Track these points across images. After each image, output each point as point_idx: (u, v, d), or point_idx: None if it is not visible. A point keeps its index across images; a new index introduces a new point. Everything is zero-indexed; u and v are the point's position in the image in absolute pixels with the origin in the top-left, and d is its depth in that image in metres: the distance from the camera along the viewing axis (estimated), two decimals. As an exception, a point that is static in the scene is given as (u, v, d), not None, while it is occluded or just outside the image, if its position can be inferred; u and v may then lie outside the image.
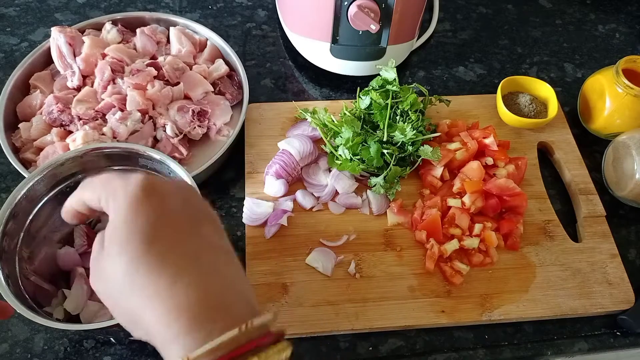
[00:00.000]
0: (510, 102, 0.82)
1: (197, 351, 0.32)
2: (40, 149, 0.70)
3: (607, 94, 0.79)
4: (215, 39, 0.81)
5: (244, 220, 0.70)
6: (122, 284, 0.34)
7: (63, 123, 0.71)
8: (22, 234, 0.57)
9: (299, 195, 0.72)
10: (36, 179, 0.57)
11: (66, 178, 0.60)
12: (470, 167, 0.73)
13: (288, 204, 0.71)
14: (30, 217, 0.58)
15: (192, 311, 0.33)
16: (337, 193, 0.73)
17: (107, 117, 0.71)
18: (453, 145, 0.74)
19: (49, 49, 0.77)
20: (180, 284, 0.34)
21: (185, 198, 0.39)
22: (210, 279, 0.35)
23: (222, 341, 0.32)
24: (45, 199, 0.59)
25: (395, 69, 0.73)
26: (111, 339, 0.63)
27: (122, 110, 0.71)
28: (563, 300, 0.67)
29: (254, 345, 0.33)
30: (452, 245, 0.68)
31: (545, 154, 0.82)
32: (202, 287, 0.34)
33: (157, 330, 0.34)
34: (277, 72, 0.88)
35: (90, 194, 0.39)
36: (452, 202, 0.71)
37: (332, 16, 0.75)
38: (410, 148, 0.71)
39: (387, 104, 0.71)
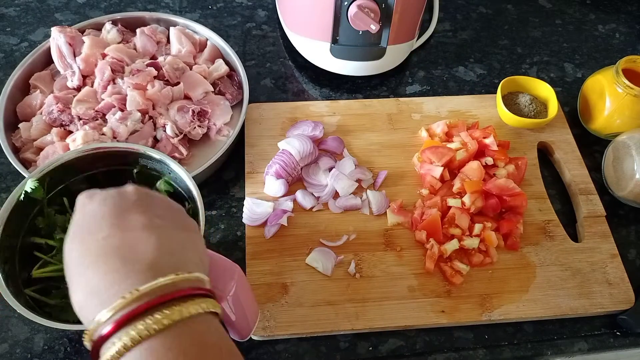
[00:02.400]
0: (510, 102, 0.82)
1: (122, 299, 0.35)
2: (40, 149, 0.70)
3: (607, 94, 0.79)
4: (215, 39, 0.81)
5: (244, 220, 0.70)
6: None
7: (63, 123, 0.71)
8: (22, 234, 0.57)
9: (299, 195, 0.72)
10: (36, 179, 0.57)
11: (66, 178, 0.60)
12: (470, 167, 0.73)
13: (288, 204, 0.71)
14: (30, 217, 0.58)
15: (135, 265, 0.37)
16: (337, 195, 0.73)
17: (107, 117, 0.71)
18: (453, 145, 0.74)
19: (49, 49, 0.77)
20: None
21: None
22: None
23: (151, 287, 0.35)
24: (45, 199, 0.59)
25: None
26: (111, 339, 0.63)
27: (122, 110, 0.71)
28: (563, 300, 0.67)
29: (180, 294, 0.36)
30: (452, 245, 0.68)
31: (545, 154, 0.82)
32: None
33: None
34: (277, 72, 0.88)
35: None
36: (452, 202, 0.71)
37: (332, 16, 0.75)
38: None
39: None
